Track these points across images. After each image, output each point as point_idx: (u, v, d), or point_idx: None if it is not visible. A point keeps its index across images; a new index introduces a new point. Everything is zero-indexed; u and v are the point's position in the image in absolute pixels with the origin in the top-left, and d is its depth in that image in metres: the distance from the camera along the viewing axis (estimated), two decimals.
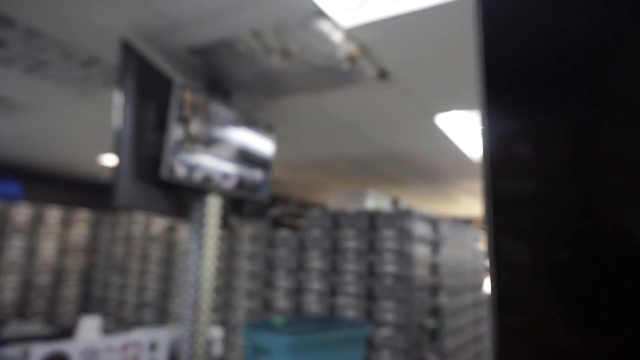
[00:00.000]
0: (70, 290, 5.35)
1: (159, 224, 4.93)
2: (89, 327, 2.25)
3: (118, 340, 1.96)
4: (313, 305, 3.71)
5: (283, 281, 3.91)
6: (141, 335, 2.04)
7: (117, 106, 1.82)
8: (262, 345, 2.11)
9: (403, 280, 3.33)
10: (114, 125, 1.77)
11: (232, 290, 4.16)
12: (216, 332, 2.31)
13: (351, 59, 1.87)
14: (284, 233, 3.97)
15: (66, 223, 5.32)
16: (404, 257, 3.35)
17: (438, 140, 3.40)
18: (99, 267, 5.48)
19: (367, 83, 2.24)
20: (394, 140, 3.52)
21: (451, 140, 3.37)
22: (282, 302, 3.88)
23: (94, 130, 3.68)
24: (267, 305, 3.95)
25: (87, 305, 5.47)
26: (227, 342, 3.97)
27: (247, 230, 4.20)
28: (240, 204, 4.54)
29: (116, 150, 1.80)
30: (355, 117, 3.00)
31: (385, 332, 3.29)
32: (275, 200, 4.41)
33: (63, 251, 5.30)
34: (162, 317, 4.68)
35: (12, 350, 2.03)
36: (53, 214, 5.18)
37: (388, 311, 3.36)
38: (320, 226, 3.80)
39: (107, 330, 3.91)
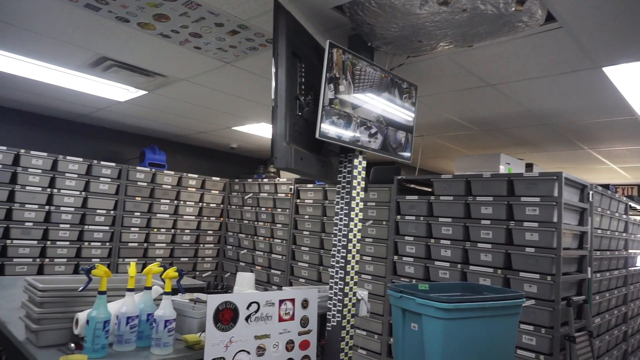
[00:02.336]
0: (208, 251, 5.89)
1: (283, 190, 5.14)
2: (245, 282, 2.41)
3: (275, 295, 2.06)
4: (442, 273, 3.60)
5: (410, 248, 3.84)
6: (294, 293, 2.12)
7: (272, 69, 1.84)
8: (413, 310, 2.07)
9: (547, 250, 3.06)
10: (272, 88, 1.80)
11: None
12: (363, 293, 2.33)
13: (519, 1, 1.66)
14: (411, 199, 3.87)
15: (202, 189, 5.81)
16: (549, 226, 3.06)
17: (601, 95, 2.99)
18: (231, 230, 5.93)
19: (529, 30, 2.00)
20: (541, 98, 3.18)
21: (620, 95, 2.93)
22: (409, 268, 3.82)
23: (230, 100, 3.89)
24: (394, 271, 3.93)
25: (222, 264, 5.99)
26: None
27: (372, 196, 4.18)
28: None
29: (273, 112, 1.84)
30: (501, 73, 2.74)
31: (525, 307, 3.06)
32: (399, 166, 4.31)
33: (201, 215, 5.82)
34: (289, 278, 4.94)
35: (184, 299, 2.26)
36: (192, 181, 5.69)
37: (529, 283, 3.12)
38: (451, 192, 3.62)
39: None
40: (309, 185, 4.87)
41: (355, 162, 2.19)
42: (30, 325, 1.75)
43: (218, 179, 5.98)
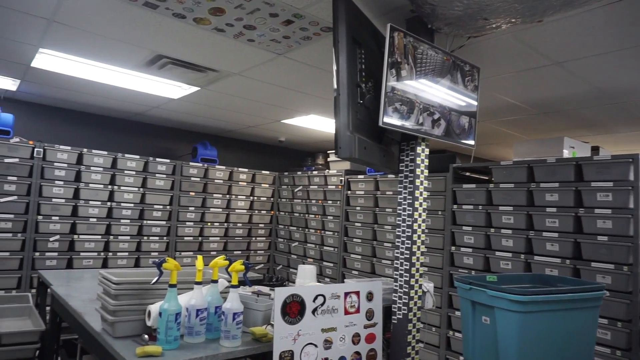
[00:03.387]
0: (259, 244, 5.96)
1: (334, 181, 5.10)
2: (307, 275, 2.40)
3: (340, 288, 2.02)
4: (504, 264, 3.45)
5: (469, 238, 3.70)
6: (359, 285, 2.08)
7: (334, 57, 1.79)
8: (484, 303, 1.98)
9: (622, 239, 2.85)
10: (334, 76, 1.76)
11: None
12: (428, 285, 2.25)
13: None
14: (469, 188, 3.73)
15: (253, 183, 5.87)
16: (624, 212, 2.85)
17: None
18: (281, 223, 5.97)
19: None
20: (613, 75, 2.95)
21: None
22: (467, 259, 3.69)
23: (281, 93, 3.88)
24: (451, 263, 3.81)
25: (274, 257, 6.05)
26: None
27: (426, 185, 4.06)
28: None
29: (335, 101, 1.79)
30: (569, 50, 2.56)
31: None
32: (454, 154, 4.16)
33: (252, 208, 5.88)
34: (341, 270, 4.91)
35: (246, 292, 2.27)
36: (242, 175, 5.77)
37: (602, 274, 2.93)
38: (512, 179, 3.46)
39: None
40: (359, 177, 4.81)
41: (418, 149, 2.10)
42: (107, 316, 1.81)
43: (267, 172, 6.03)
